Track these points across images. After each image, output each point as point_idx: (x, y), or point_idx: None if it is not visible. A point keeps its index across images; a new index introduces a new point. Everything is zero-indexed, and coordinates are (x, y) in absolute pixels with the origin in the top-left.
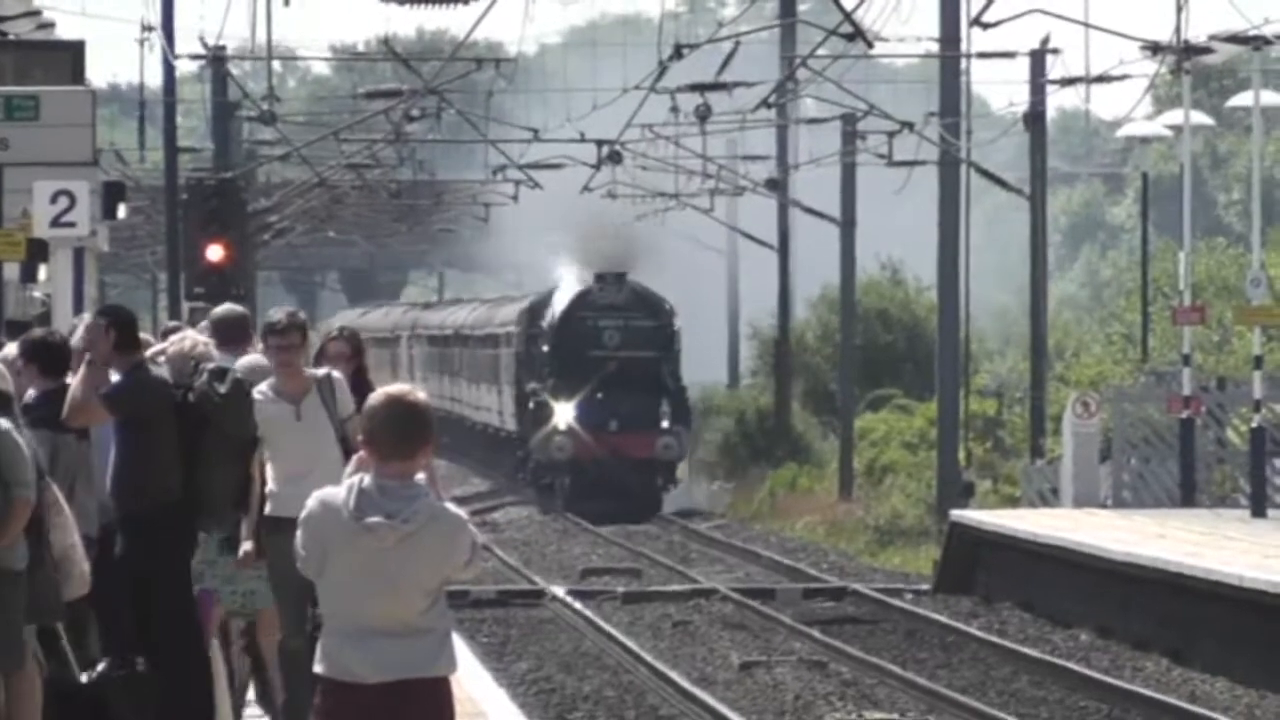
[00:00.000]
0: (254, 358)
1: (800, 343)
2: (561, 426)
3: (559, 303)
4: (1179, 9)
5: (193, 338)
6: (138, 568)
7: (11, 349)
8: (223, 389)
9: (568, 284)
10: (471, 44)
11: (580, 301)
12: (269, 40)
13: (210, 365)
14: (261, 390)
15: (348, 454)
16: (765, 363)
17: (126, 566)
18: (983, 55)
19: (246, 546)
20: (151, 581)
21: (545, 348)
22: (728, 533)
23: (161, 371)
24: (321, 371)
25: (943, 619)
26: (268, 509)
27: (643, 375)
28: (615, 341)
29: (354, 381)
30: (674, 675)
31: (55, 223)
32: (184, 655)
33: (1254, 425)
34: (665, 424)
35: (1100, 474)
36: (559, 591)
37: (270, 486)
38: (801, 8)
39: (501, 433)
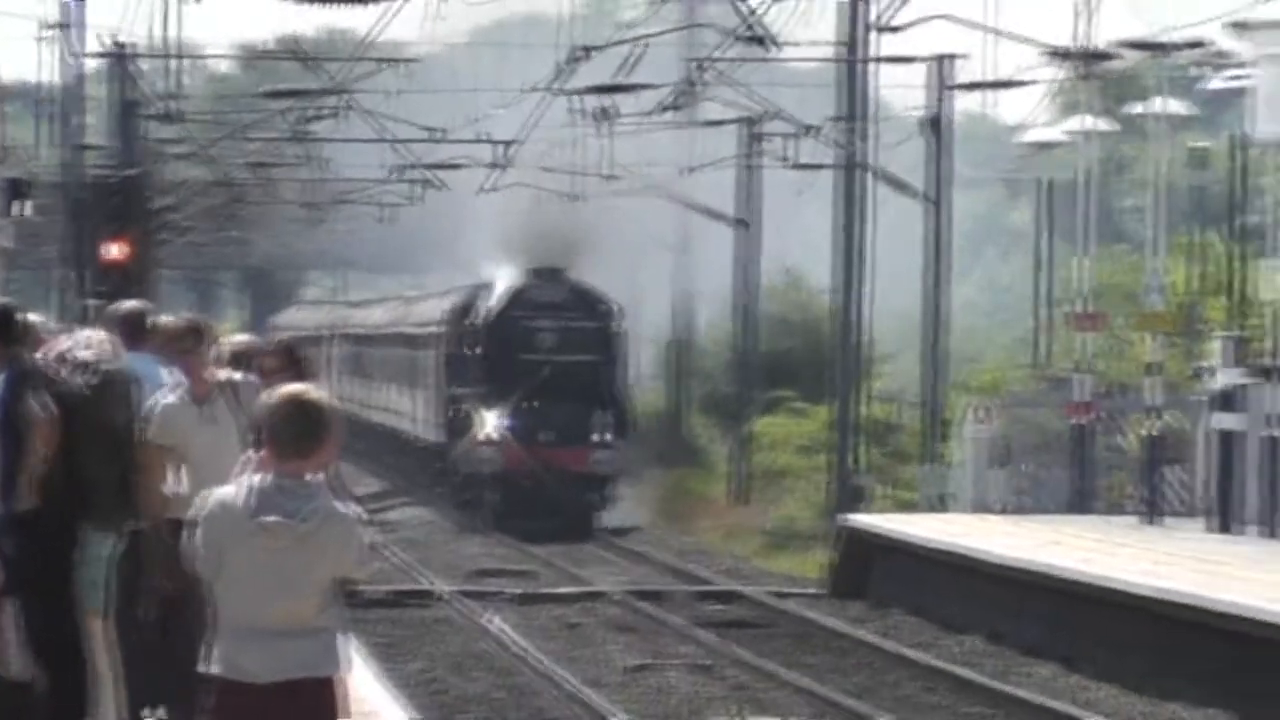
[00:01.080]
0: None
1: (699, 347)
2: (491, 437)
3: (490, 300)
4: (1081, 16)
5: (89, 334)
6: (22, 568)
7: None
8: (94, 381)
9: (500, 280)
10: (375, 43)
11: (514, 299)
12: (169, 38)
13: (81, 359)
14: (175, 393)
15: None
16: (665, 366)
17: (13, 567)
18: (885, 60)
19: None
20: (34, 582)
21: (474, 350)
22: (621, 535)
23: (43, 365)
24: (229, 375)
25: (834, 623)
26: (170, 513)
27: (580, 382)
28: (551, 344)
29: None
30: (564, 677)
31: None
32: (64, 657)
33: (1148, 432)
34: (602, 436)
35: (996, 479)
36: (451, 592)
37: (176, 489)
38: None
39: (421, 442)
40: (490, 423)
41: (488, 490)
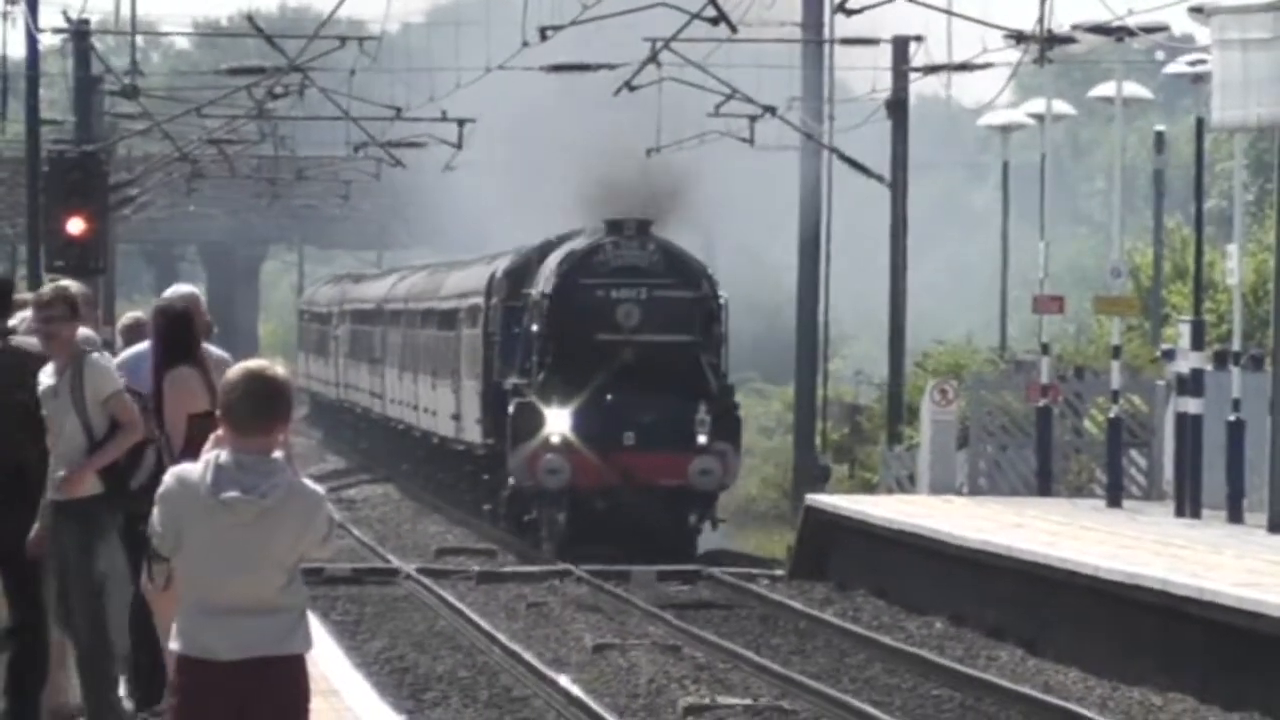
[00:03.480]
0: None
1: None
2: (555, 440)
3: (552, 264)
4: None
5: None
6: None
7: None
8: None
9: (565, 239)
10: (335, 21)
11: (584, 262)
12: (133, 15)
13: None
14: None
15: (103, 438)
16: None
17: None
18: (846, 41)
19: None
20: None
21: (533, 327)
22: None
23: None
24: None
25: (797, 605)
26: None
27: (673, 369)
28: (634, 320)
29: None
30: (527, 656)
31: None
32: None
33: (1111, 415)
34: (704, 439)
35: (957, 461)
36: (413, 570)
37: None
38: None
39: (459, 446)
40: (555, 422)
41: (552, 509)
